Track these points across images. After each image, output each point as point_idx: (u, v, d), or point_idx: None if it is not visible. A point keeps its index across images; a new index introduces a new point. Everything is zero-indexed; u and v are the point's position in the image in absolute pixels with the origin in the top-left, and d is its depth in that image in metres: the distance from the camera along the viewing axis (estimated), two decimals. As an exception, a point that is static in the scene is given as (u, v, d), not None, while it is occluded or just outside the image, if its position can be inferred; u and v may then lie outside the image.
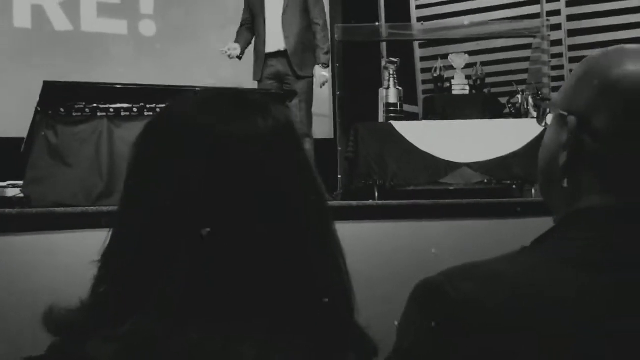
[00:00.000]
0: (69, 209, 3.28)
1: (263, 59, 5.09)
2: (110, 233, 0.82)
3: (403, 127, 5.13)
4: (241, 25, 5.25)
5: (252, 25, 5.20)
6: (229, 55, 5.12)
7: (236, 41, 5.17)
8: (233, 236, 0.77)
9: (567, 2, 6.35)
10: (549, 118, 0.98)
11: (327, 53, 5.10)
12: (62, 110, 3.82)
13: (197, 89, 0.96)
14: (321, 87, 5.14)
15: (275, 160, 0.81)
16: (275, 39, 5.06)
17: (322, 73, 5.08)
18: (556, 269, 0.85)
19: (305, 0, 5.08)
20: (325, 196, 0.88)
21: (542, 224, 0.95)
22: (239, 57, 5.17)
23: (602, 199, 0.90)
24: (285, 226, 0.79)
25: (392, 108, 5.37)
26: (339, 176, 5.28)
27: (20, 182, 3.79)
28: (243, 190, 0.78)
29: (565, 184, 0.93)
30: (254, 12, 5.17)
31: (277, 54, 5.07)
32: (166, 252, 0.77)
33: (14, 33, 5.78)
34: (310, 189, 0.84)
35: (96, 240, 0.83)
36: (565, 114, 0.93)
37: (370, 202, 4.55)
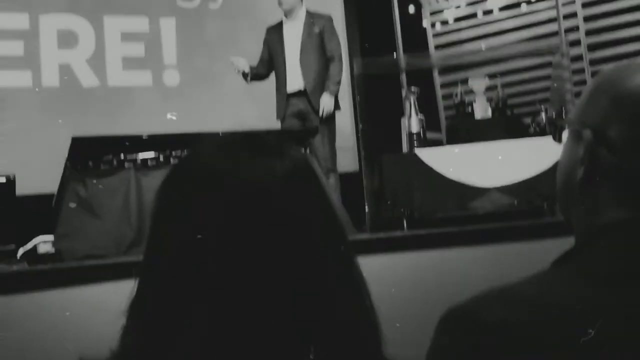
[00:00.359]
0: (100, 261, 3.31)
1: (285, 98, 5.14)
2: (136, 282, 0.83)
3: (427, 155, 5.09)
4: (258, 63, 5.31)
5: (269, 65, 5.25)
6: (235, 68, 5.15)
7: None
8: (253, 279, 0.77)
9: (584, 18, 6.31)
10: (565, 135, 0.98)
11: (337, 83, 5.08)
12: (90, 163, 3.87)
13: (220, 133, 0.97)
14: (323, 115, 5.01)
15: (294, 201, 0.81)
16: (295, 79, 5.12)
17: (326, 100, 5.02)
18: (580, 287, 0.85)
19: (321, 37, 5.12)
20: (347, 232, 0.88)
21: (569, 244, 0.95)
22: (244, 75, 5.18)
23: (619, 212, 0.89)
24: (306, 265, 0.79)
25: (415, 137, 5.36)
26: (366, 209, 5.25)
27: (51, 237, 3.83)
28: (262, 233, 0.78)
29: (582, 201, 0.93)
30: (273, 53, 5.23)
31: (298, 94, 5.12)
32: (187, 300, 0.77)
33: (42, 91, 5.90)
34: (330, 227, 0.84)
35: (128, 290, 0.84)
36: (580, 128, 0.93)
37: (399, 232, 4.52)
